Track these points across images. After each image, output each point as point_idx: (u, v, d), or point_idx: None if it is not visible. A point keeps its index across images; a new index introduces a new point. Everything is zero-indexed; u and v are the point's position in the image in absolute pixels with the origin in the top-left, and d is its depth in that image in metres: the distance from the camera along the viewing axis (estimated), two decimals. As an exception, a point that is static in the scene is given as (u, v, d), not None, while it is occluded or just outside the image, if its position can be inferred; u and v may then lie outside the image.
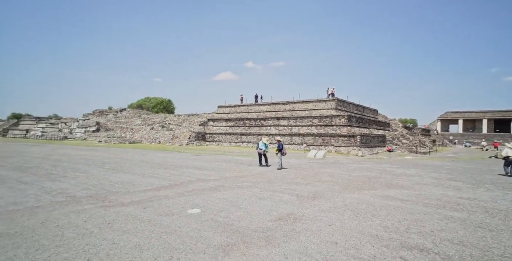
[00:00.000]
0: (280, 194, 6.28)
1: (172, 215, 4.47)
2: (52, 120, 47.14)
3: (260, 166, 11.89)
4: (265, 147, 11.99)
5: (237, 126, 32.86)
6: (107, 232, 3.66)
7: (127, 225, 3.94)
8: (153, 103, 62.45)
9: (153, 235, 3.56)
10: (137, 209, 4.79)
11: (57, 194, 5.76)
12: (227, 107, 37.87)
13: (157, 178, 8.23)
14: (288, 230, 3.85)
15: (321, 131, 26.12)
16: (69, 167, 10.01)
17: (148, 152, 19.33)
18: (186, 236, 3.51)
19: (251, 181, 7.94)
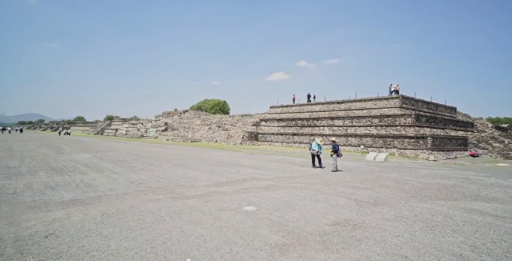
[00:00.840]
0: (336, 197, 5.98)
1: (230, 210, 4.76)
2: (133, 121, 56.15)
3: (313, 167, 11.54)
4: (319, 148, 11.57)
5: (289, 126, 32.64)
6: (176, 220, 4.15)
7: (192, 216, 4.38)
8: (211, 104, 67.50)
9: (214, 227, 3.87)
10: (200, 202, 5.27)
11: (138, 184, 6.83)
12: (279, 107, 38.03)
13: (215, 174, 8.88)
14: (347, 236, 3.64)
15: (382, 131, 23.65)
16: (146, 162, 11.72)
17: (206, 150, 21.01)
18: (243, 232, 3.70)
19: (304, 183, 7.79)
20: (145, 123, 50.85)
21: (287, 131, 31.54)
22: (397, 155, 20.60)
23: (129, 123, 53.42)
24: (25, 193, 5.37)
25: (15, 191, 5.56)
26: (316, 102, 34.24)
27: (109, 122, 61.94)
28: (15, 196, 5.12)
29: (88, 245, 3.14)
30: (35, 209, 4.41)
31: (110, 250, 3.03)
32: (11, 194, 5.30)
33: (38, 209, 4.42)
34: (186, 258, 2.91)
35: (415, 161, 17.24)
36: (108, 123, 61.32)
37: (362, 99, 28.75)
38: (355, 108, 28.79)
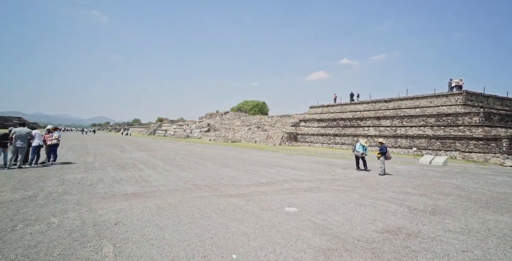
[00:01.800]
0: (385, 203, 5.54)
1: (271, 210, 4.83)
2: (179, 122, 60.92)
3: (358, 170, 10.87)
4: (363, 150, 10.85)
5: (330, 127, 31.32)
6: (221, 217, 4.38)
7: (235, 214, 4.57)
8: (250, 105, 69.01)
9: (257, 226, 3.98)
10: (242, 201, 5.46)
11: (186, 181, 7.41)
12: (319, 107, 36.81)
13: (256, 175, 9.07)
14: (400, 246, 3.36)
15: (440, 132, 20.95)
16: (192, 161, 12.61)
17: (246, 151, 21.55)
18: (285, 233, 3.71)
19: (348, 186, 7.40)
20: (190, 124, 54.63)
21: (328, 132, 30.30)
22: (460, 159, 18.01)
23: (177, 124, 58.12)
24: (98, 185, 6.32)
25: (91, 183, 6.59)
26: (360, 101, 32.15)
27: (160, 123, 68.45)
28: (92, 188, 6.07)
29: (148, 234, 3.54)
30: (106, 199, 5.15)
31: (166, 240, 3.37)
32: (88, 185, 6.31)
33: (108, 199, 5.16)
34: (232, 254, 3.06)
35: (484, 166, 14.82)
36: (159, 124, 67.83)
37: (414, 97, 25.97)
38: (406, 106, 26.15)
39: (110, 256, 2.88)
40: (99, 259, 2.81)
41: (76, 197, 5.17)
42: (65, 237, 3.32)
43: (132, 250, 3.05)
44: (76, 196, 5.28)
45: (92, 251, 2.97)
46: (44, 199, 4.98)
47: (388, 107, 27.68)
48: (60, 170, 8.36)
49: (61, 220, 3.88)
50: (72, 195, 5.31)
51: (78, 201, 4.93)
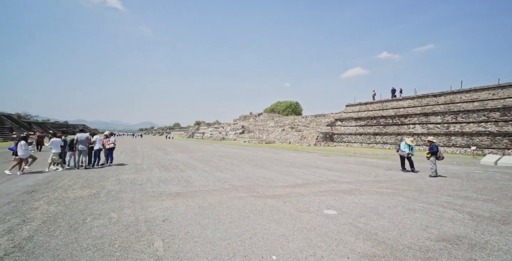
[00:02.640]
0: (439, 208, 4.99)
1: (309, 212, 4.73)
2: (215, 125, 63.57)
3: (403, 171, 9.99)
4: (409, 149, 9.94)
5: (369, 126, 29.38)
6: (259, 218, 4.44)
7: (273, 215, 4.59)
8: (283, 106, 68.56)
9: (295, 228, 3.94)
10: (279, 202, 5.46)
11: (224, 182, 7.69)
12: (356, 105, 34.84)
13: (291, 176, 8.97)
14: (462, 258, 3.00)
15: (508, 128, 18.07)
16: (228, 162, 13.04)
17: (281, 152, 21.45)
18: (325, 236, 3.61)
19: (393, 188, 6.85)
20: (225, 126, 56.54)
21: (367, 131, 28.47)
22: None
23: (213, 127, 60.73)
24: (147, 185, 6.96)
25: (141, 182, 7.29)
26: (403, 97, 29.57)
27: (197, 127, 72.39)
28: (142, 187, 6.71)
29: (191, 232, 3.77)
30: (154, 198, 5.65)
31: (208, 239, 3.55)
32: (139, 185, 6.99)
33: (156, 198, 5.64)
34: (272, 255, 3.09)
35: None
36: (196, 127, 71.77)
37: (472, 89, 22.92)
38: (461, 100, 23.21)
39: (160, 250, 3.15)
40: (151, 252, 3.09)
41: (130, 196, 5.76)
42: (123, 231, 3.73)
43: (178, 246, 3.29)
44: (130, 194, 5.89)
45: (145, 245, 3.28)
46: (105, 196, 5.66)
47: (438, 102, 24.88)
48: (116, 171, 9.41)
49: (119, 216, 4.37)
50: (127, 194, 5.93)
51: (132, 199, 5.49)
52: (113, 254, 3.02)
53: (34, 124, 53.38)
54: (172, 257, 2.99)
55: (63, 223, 3.98)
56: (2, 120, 41.61)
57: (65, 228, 3.77)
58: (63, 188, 6.40)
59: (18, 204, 4.97)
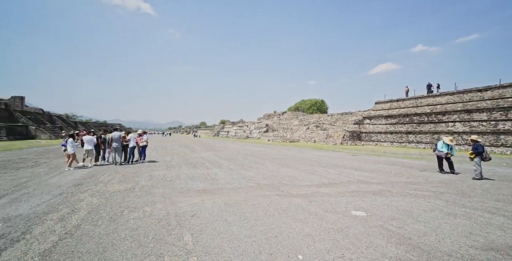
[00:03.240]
0: (485, 213, 4.54)
1: (336, 213, 4.60)
2: (240, 124, 64.44)
3: (441, 172, 9.23)
4: (448, 149, 9.16)
5: (401, 124, 27.58)
6: (284, 217, 4.43)
7: (298, 215, 4.55)
8: (308, 104, 67.21)
9: (321, 228, 3.86)
10: (304, 202, 5.38)
11: (249, 180, 7.79)
12: (386, 102, 32.90)
13: (316, 175, 8.79)
14: (507, 269, 2.71)
15: None
16: (253, 160, 13.16)
17: (305, 150, 21.08)
18: (354, 238, 3.48)
19: (429, 190, 6.37)
20: (249, 125, 57.06)
21: (399, 129, 26.77)
22: None
23: (237, 126, 61.65)
24: (176, 181, 7.32)
25: (171, 179, 7.69)
26: (441, 92, 27.26)
27: (222, 125, 74.07)
28: (171, 183, 7.07)
29: (218, 228, 3.89)
30: (183, 194, 5.92)
31: (234, 235, 3.63)
32: (169, 181, 7.38)
33: (184, 194, 5.91)
34: (298, 254, 3.07)
35: None
36: (222, 126, 73.48)
37: (524, 81, 20.37)
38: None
39: (189, 244, 3.30)
40: (181, 246, 3.26)
41: (161, 191, 6.11)
42: (155, 224, 3.98)
43: (206, 241, 3.41)
44: (161, 190, 6.24)
45: (176, 239, 3.46)
46: (139, 191, 6.08)
47: (484, 97, 22.50)
48: (148, 167, 10.03)
49: (152, 210, 4.67)
50: (158, 189, 6.30)
51: (163, 194, 5.82)
52: (148, 245, 3.23)
53: (79, 123, 58.98)
54: (200, 251, 3.12)
55: (104, 214, 4.36)
56: (54, 120, 46.65)
57: (106, 219, 4.13)
58: (104, 182, 6.99)
59: (67, 195, 5.55)
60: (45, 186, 6.33)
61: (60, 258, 2.87)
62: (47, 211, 4.45)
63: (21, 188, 6.15)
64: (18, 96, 44.59)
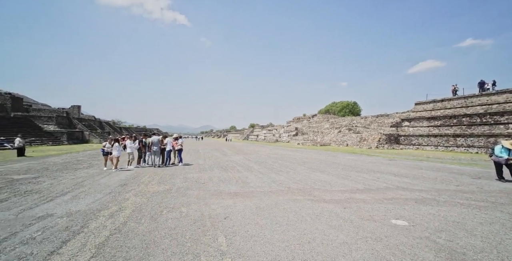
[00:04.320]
0: (557, 231, 3.87)
1: (373, 221, 4.34)
2: (269, 127, 64.67)
3: (501, 180, 8.12)
4: (508, 154, 8.03)
5: (447, 126, 24.98)
6: (317, 223, 4.31)
7: (332, 221, 4.38)
8: (339, 107, 64.77)
9: (358, 237, 3.67)
10: (338, 208, 5.18)
11: (279, 184, 7.75)
12: (429, 103, 30.16)
13: (350, 180, 8.38)
14: None
15: None
16: (282, 164, 13.07)
17: (337, 154, 20.26)
18: (395, 249, 3.24)
19: (486, 200, 5.65)
20: (278, 129, 56.86)
21: (445, 132, 24.29)
22: None
23: (266, 130, 61.90)
24: (209, 184, 7.60)
25: (204, 181, 8.01)
26: (497, 90, 24.16)
27: (252, 129, 75.08)
28: (204, 185, 7.37)
29: (251, 231, 3.94)
30: (215, 196, 6.12)
31: (266, 239, 3.64)
32: (202, 183, 7.69)
33: (217, 196, 6.10)
34: (333, 262, 2.96)
35: None
36: (251, 130, 74.50)
37: None
38: None
39: (224, 245, 3.40)
40: (216, 246, 3.37)
41: (195, 193, 6.40)
42: (191, 224, 4.18)
43: (239, 243, 3.48)
44: (195, 191, 6.54)
45: (211, 239, 3.59)
46: (176, 192, 6.45)
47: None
48: (183, 170, 10.59)
49: (188, 210, 4.91)
50: (193, 191, 6.61)
51: (197, 196, 6.09)
52: (185, 244, 3.41)
53: (123, 128, 65.03)
54: (234, 253, 3.19)
55: (146, 213, 4.71)
56: (103, 126, 52.16)
57: (148, 217, 4.46)
58: (145, 183, 7.56)
59: (115, 194, 6.13)
60: (97, 186, 7.08)
61: (111, 251, 3.18)
62: (99, 208, 4.97)
63: (79, 186, 6.96)
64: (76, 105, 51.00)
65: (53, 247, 3.27)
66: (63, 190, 6.49)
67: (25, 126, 30.87)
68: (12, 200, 5.50)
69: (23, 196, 5.89)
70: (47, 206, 5.05)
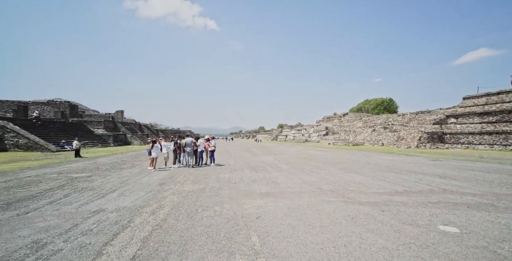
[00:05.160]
0: None
1: (417, 226, 4.01)
2: (298, 127, 63.68)
3: None
4: None
5: (505, 122, 21.97)
6: (352, 225, 4.12)
7: (369, 224, 4.16)
8: (373, 104, 61.16)
9: (399, 242, 3.43)
10: (375, 211, 4.89)
11: (310, 184, 7.59)
12: (481, 96, 26.90)
13: (388, 182, 7.86)
14: None
15: None
16: (313, 164, 12.75)
17: (372, 154, 19.13)
18: (445, 258, 2.96)
19: (557, 209, 4.85)
20: (307, 128, 55.64)
21: (503, 129, 21.42)
22: None
23: (295, 130, 61.01)
24: (240, 184, 7.75)
25: (235, 181, 8.19)
26: None
27: (280, 129, 74.66)
28: (236, 185, 7.53)
29: (283, 232, 3.92)
30: (247, 196, 6.22)
31: (300, 240, 3.59)
32: (234, 183, 7.88)
33: (248, 196, 6.20)
34: (372, 267, 2.81)
35: None
36: (279, 130, 74.13)
37: None
38: None
39: (257, 245, 3.44)
40: (250, 246, 3.43)
41: (228, 192, 6.58)
42: (225, 223, 4.31)
43: (273, 243, 3.49)
44: (227, 191, 6.72)
45: (244, 239, 3.66)
46: (209, 191, 6.71)
47: None
48: (215, 170, 10.97)
49: (221, 209, 5.08)
50: (225, 191, 6.81)
51: (229, 195, 6.26)
52: (220, 242, 3.53)
53: (159, 131, 69.80)
54: (268, 253, 3.21)
55: (183, 211, 4.99)
56: (142, 128, 56.65)
57: (185, 215, 4.72)
58: (180, 182, 8.00)
59: (155, 193, 6.60)
60: (140, 184, 7.69)
61: (154, 245, 3.43)
62: (142, 205, 5.40)
63: (124, 185, 7.64)
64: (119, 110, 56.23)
65: (107, 239, 3.64)
66: (112, 188, 7.18)
67: (80, 130, 34.86)
68: (72, 196, 6.25)
69: (80, 192, 6.66)
70: (99, 202, 5.64)
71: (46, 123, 31.24)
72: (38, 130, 27.07)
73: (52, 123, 32.57)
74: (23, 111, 31.99)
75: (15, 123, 25.22)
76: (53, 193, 6.59)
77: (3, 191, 6.89)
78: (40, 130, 27.68)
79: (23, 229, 4.04)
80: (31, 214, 4.83)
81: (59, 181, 8.25)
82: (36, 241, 3.59)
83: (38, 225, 4.23)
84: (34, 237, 3.71)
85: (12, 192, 6.70)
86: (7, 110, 37.28)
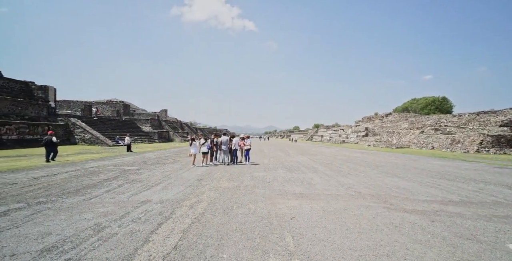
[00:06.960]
0: None
1: (478, 242, 3.52)
2: (334, 128, 61.12)
3: None
4: None
5: None
6: (396, 234, 3.80)
7: (416, 235, 3.79)
8: (422, 104, 55.42)
9: (455, 258, 3.07)
10: (423, 220, 4.44)
11: (348, 187, 7.21)
12: None
13: (439, 189, 7.05)
14: None
15: None
16: (351, 167, 12.10)
17: (419, 158, 17.35)
18: (512, 282, 2.54)
19: None
20: (345, 129, 52.95)
21: None
22: None
23: (332, 130, 58.58)
24: (274, 183, 7.76)
25: (269, 181, 8.22)
26: None
27: (316, 129, 72.52)
28: (270, 184, 7.56)
29: (318, 235, 3.81)
30: (281, 195, 6.19)
31: (336, 245, 3.45)
32: (268, 182, 7.91)
33: (282, 196, 6.16)
34: (419, 282, 2.56)
35: None
36: (315, 130, 72.05)
37: None
38: None
39: (291, 246, 3.41)
40: (284, 246, 3.41)
41: (261, 191, 6.64)
42: (259, 221, 4.36)
43: (307, 246, 3.41)
44: (261, 190, 6.79)
45: (278, 238, 3.66)
46: (244, 189, 6.86)
47: None
48: (249, 168, 11.16)
49: (255, 207, 5.15)
50: (259, 189, 6.88)
51: (263, 194, 6.31)
52: (254, 240, 3.58)
53: (198, 129, 73.93)
54: (302, 255, 3.15)
55: (219, 206, 5.20)
56: (183, 126, 60.78)
57: (220, 211, 4.91)
58: (217, 179, 8.35)
59: (194, 188, 7.01)
60: (180, 179, 8.25)
61: (193, 238, 3.65)
62: (183, 199, 5.78)
63: (167, 179, 8.28)
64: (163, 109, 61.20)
65: (152, 227, 4.00)
66: (156, 181, 7.84)
67: (131, 127, 38.86)
68: (125, 186, 7.01)
69: (131, 183, 7.43)
70: (146, 193, 6.21)
71: (104, 120, 35.58)
72: (99, 127, 31.05)
73: (109, 120, 36.95)
74: (88, 110, 36.88)
75: (82, 121, 29.36)
76: (110, 183, 7.47)
77: (74, 179, 8.07)
78: (100, 126, 31.67)
79: (87, 213, 4.67)
80: (93, 200, 5.55)
81: (114, 173, 9.31)
82: (98, 224, 4.11)
83: (99, 210, 4.84)
84: (96, 221, 4.26)
85: (80, 180, 7.79)
86: (77, 109, 43.59)
